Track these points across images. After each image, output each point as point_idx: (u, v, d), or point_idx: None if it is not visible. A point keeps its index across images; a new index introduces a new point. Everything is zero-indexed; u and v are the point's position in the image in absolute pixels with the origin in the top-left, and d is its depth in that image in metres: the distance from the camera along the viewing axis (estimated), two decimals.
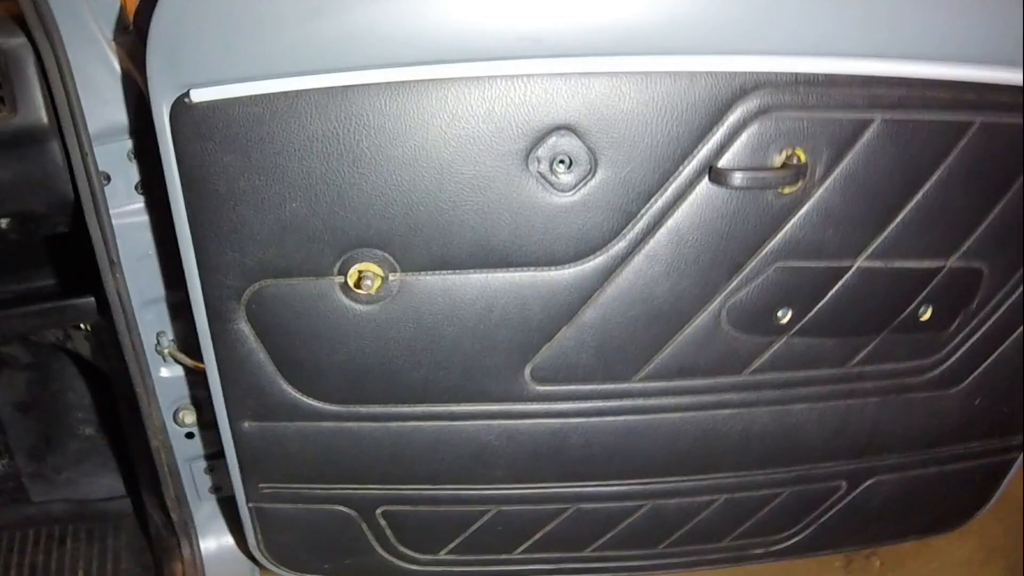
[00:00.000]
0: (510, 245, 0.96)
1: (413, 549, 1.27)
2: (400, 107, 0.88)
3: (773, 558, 1.36)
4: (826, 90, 0.90)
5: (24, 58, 0.99)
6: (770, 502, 1.24)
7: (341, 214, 0.93)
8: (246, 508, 1.21)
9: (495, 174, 0.91)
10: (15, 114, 1.00)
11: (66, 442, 1.77)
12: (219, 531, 1.44)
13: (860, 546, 1.63)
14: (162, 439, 1.27)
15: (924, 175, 0.97)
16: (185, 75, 0.86)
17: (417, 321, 1.01)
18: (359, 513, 1.22)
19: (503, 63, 0.86)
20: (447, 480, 1.18)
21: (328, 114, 0.88)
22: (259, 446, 1.14)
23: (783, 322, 1.05)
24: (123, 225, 1.10)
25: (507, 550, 1.28)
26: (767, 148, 0.92)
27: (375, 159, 0.90)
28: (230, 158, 0.90)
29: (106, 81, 1.02)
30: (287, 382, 1.08)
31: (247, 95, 0.87)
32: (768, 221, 0.97)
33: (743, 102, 0.90)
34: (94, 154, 1.02)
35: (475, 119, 0.88)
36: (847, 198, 0.96)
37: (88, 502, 1.74)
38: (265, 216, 0.94)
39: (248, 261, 0.97)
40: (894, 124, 0.93)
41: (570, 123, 0.89)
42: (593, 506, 1.23)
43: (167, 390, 1.27)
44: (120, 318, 1.13)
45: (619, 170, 0.92)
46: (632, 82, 0.88)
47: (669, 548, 1.30)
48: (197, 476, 1.37)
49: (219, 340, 1.04)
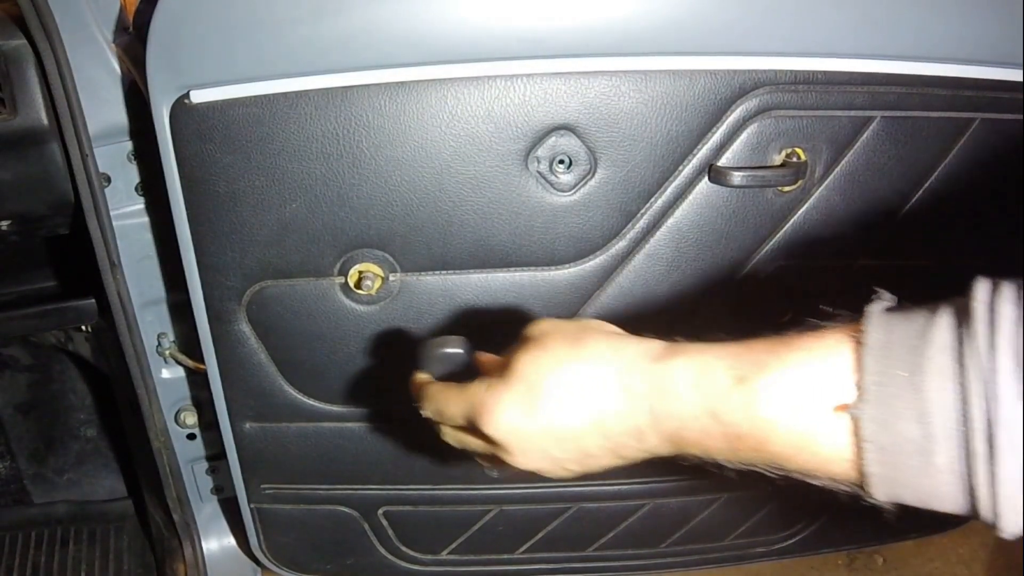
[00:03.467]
0: (510, 245, 0.96)
1: (415, 549, 1.27)
2: (400, 108, 0.88)
3: (775, 557, 1.36)
4: (826, 89, 0.90)
5: (24, 59, 0.99)
6: (771, 501, 1.24)
7: (341, 215, 0.93)
8: (248, 509, 1.21)
9: (495, 174, 0.91)
10: (15, 115, 1.00)
11: (67, 443, 1.77)
12: (221, 532, 1.44)
13: (862, 544, 1.63)
14: (163, 440, 1.27)
15: (924, 174, 0.97)
16: (185, 76, 0.86)
17: (418, 321, 1.01)
18: (361, 513, 1.22)
19: (502, 63, 0.86)
20: (448, 480, 1.18)
21: (328, 115, 0.88)
22: (260, 447, 1.14)
23: (784, 322, 1.05)
24: (123, 226, 1.10)
25: (509, 550, 1.28)
26: (767, 147, 0.92)
27: (375, 160, 0.90)
28: (230, 159, 0.90)
29: (106, 82, 1.02)
30: (288, 383, 1.08)
31: (247, 96, 0.87)
32: (768, 220, 0.97)
33: (743, 101, 0.90)
34: (94, 155, 1.02)
35: (475, 119, 0.88)
36: (847, 197, 0.96)
37: (90, 503, 1.74)
38: (265, 217, 0.94)
39: (248, 262, 0.97)
40: (894, 123, 0.93)
41: (570, 123, 0.89)
42: (594, 505, 1.23)
43: (168, 391, 1.27)
44: (121, 319, 1.13)
45: (619, 170, 0.92)
46: (632, 82, 0.88)
47: (671, 547, 1.30)
48: (199, 477, 1.37)
49: (220, 341, 1.04)
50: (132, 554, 1.63)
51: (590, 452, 0.64)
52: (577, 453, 0.64)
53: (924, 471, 0.50)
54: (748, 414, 0.55)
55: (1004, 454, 0.46)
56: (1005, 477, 0.46)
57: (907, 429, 0.49)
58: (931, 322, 0.51)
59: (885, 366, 0.51)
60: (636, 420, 0.61)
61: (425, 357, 0.78)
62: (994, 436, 0.46)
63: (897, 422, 0.50)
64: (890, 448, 0.50)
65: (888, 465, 0.51)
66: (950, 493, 0.50)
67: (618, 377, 0.61)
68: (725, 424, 0.56)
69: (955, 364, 0.48)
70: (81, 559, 1.62)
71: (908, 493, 0.52)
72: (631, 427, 0.61)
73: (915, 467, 0.50)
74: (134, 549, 1.64)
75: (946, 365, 0.49)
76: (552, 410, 0.63)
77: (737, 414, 0.56)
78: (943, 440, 0.48)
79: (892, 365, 0.51)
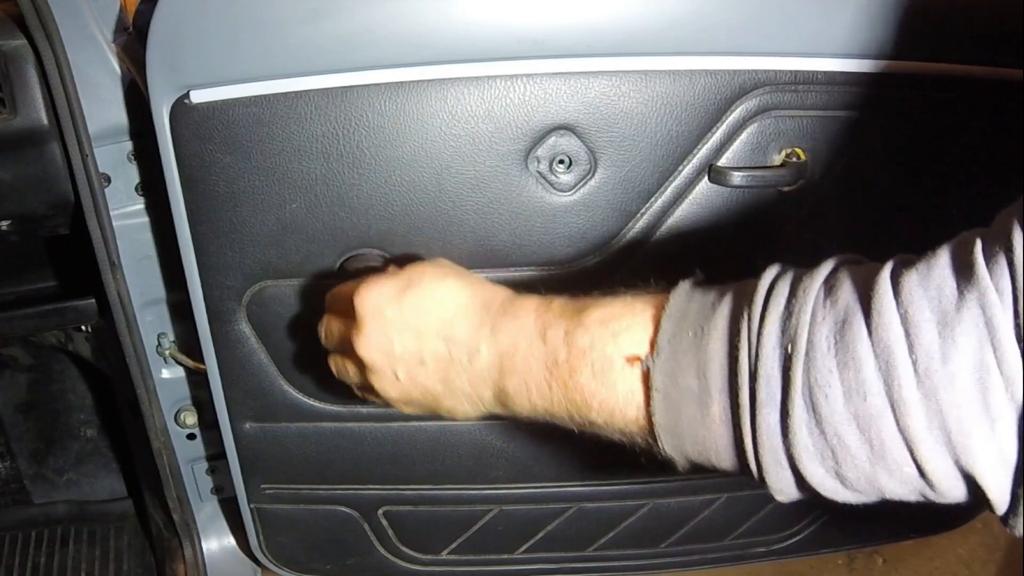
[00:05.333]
0: (510, 245, 0.96)
1: (415, 549, 1.27)
2: (399, 108, 0.88)
3: (775, 557, 1.36)
4: (826, 89, 0.90)
5: (24, 59, 0.99)
6: (772, 500, 1.24)
7: (341, 215, 0.93)
8: (248, 509, 1.21)
9: (495, 174, 0.91)
10: (15, 115, 1.00)
11: (67, 443, 1.77)
12: (221, 532, 1.44)
13: (862, 544, 1.63)
14: (163, 440, 1.27)
15: (925, 173, 0.97)
16: (185, 76, 0.86)
17: None
18: (360, 513, 1.22)
19: (502, 63, 0.86)
20: (448, 480, 1.18)
21: (328, 115, 0.88)
22: (260, 447, 1.14)
23: None
24: (123, 226, 1.10)
25: (509, 550, 1.28)
26: (767, 147, 0.92)
27: (375, 160, 0.90)
28: (230, 159, 0.90)
29: (106, 82, 1.02)
30: (288, 383, 1.08)
31: (247, 96, 0.87)
32: (768, 220, 0.97)
33: (743, 101, 0.90)
34: (94, 155, 1.02)
35: (474, 119, 0.88)
36: (847, 197, 0.96)
37: (90, 503, 1.74)
38: (265, 217, 0.94)
39: (248, 262, 0.97)
40: (894, 123, 0.93)
41: (570, 123, 0.89)
42: (594, 505, 1.23)
43: (168, 391, 1.27)
44: (121, 319, 1.13)
45: (619, 170, 0.92)
46: (632, 81, 0.88)
47: (671, 547, 1.30)
48: (199, 477, 1.37)
49: (220, 341, 1.04)
50: (132, 554, 1.64)
51: (423, 359, 0.70)
52: (413, 355, 0.71)
53: (702, 422, 0.57)
54: (567, 341, 0.62)
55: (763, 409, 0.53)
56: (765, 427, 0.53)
57: (689, 382, 0.56)
58: (722, 294, 0.59)
59: (679, 328, 0.58)
60: (478, 335, 0.68)
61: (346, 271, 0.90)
62: (755, 391, 0.53)
63: (682, 375, 0.57)
64: (674, 398, 0.57)
65: (672, 413, 0.58)
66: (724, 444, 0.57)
67: (481, 296, 0.70)
68: (548, 348, 0.63)
69: (732, 327, 0.56)
70: (81, 559, 1.62)
71: (689, 445, 0.59)
72: (471, 341, 0.68)
73: (694, 417, 0.57)
74: (134, 549, 1.64)
75: (725, 329, 0.56)
76: (413, 301, 0.71)
77: (559, 339, 0.63)
78: (716, 393, 0.56)
79: (684, 328, 0.58)
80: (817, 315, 0.53)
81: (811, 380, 0.51)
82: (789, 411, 0.52)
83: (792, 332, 0.53)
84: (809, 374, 0.51)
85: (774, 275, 0.59)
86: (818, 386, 0.51)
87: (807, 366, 0.51)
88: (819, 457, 0.53)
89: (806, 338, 0.52)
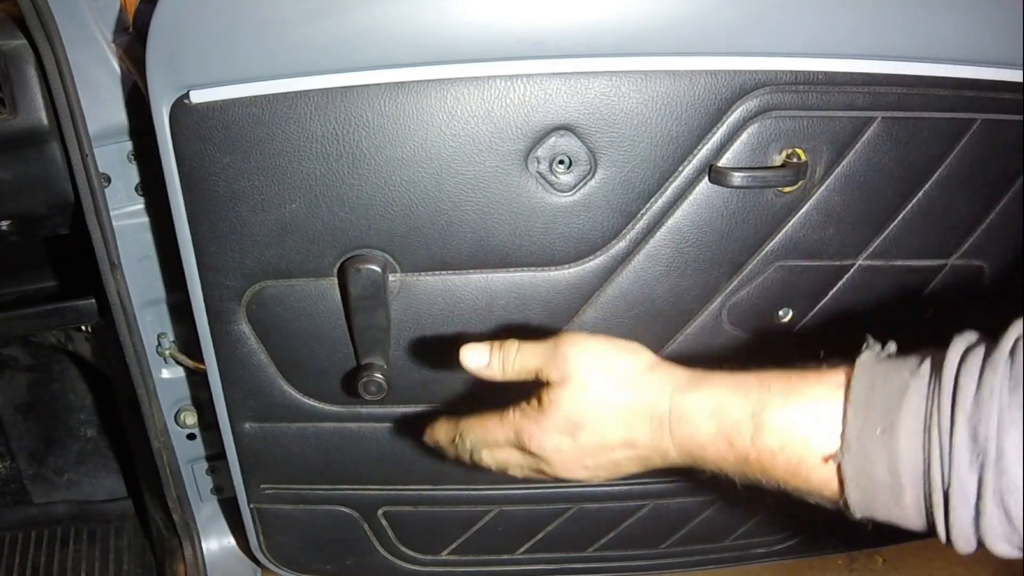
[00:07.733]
0: (510, 245, 0.96)
1: (415, 549, 1.27)
2: (399, 108, 0.88)
3: (775, 557, 1.36)
4: (826, 89, 0.90)
5: (24, 59, 0.99)
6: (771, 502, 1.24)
7: (341, 215, 0.93)
8: (247, 509, 1.21)
9: (495, 174, 0.91)
10: (15, 115, 1.00)
11: (67, 443, 1.77)
12: (221, 532, 1.44)
13: (862, 545, 1.63)
14: (163, 440, 1.27)
15: (925, 174, 0.97)
16: (185, 76, 0.86)
17: (417, 322, 1.01)
18: (360, 514, 1.22)
19: (502, 63, 0.86)
20: (448, 480, 1.18)
21: (328, 115, 0.88)
22: (260, 447, 1.14)
23: (784, 321, 1.05)
24: (123, 226, 1.10)
25: (509, 550, 1.28)
26: (767, 147, 0.92)
27: (375, 160, 0.90)
28: (230, 159, 0.90)
29: (106, 82, 1.02)
30: (288, 383, 1.08)
31: (247, 96, 0.87)
32: (768, 220, 0.97)
33: (743, 102, 0.90)
34: (94, 155, 1.02)
35: (474, 119, 0.88)
36: (848, 197, 0.96)
37: (90, 503, 1.74)
38: (265, 217, 0.94)
39: (248, 262, 0.97)
40: (895, 123, 0.93)
41: (570, 123, 0.89)
42: (594, 506, 1.23)
43: (168, 391, 1.27)
44: (121, 319, 1.13)
45: (619, 170, 0.92)
46: (632, 82, 0.88)
47: (671, 548, 1.30)
48: (199, 477, 1.37)
49: (220, 341, 1.04)
50: (132, 554, 1.64)
51: (620, 464, 0.77)
52: (610, 464, 0.77)
53: (894, 504, 0.62)
54: (756, 444, 0.68)
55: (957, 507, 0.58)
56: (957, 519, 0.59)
57: (880, 475, 0.61)
58: (906, 385, 0.62)
59: (865, 423, 0.62)
60: (661, 442, 0.73)
61: (346, 275, 0.94)
62: (949, 494, 0.58)
63: (872, 468, 0.62)
64: (866, 487, 0.62)
65: (865, 497, 0.63)
66: (915, 522, 0.62)
67: (648, 407, 0.73)
68: (736, 450, 0.69)
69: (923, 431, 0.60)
70: (81, 559, 1.62)
71: (881, 516, 0.64)
72: (657, 447, 0.74)
73: (886, 502, 0.62)
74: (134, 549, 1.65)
75: (913, 429, 0.60)
76: (590, 434, 0.75)
77: (746, 443, 0.68)
78: (909, 488, 0.61)
79: (871, 423, 0.62)
80: (1004, 419, 0.56)
81: (1003, 487, 0.56)
82: (981, 511, 0.57)
83: (983, 440, 0.57)
84: (1000, 481, 0.56)
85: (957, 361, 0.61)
86: (1009, 492, 0.56)
87: (998, 473, 0.56)
88: (1007, 540, 0.58)
89: (995, 444, 0.56)
